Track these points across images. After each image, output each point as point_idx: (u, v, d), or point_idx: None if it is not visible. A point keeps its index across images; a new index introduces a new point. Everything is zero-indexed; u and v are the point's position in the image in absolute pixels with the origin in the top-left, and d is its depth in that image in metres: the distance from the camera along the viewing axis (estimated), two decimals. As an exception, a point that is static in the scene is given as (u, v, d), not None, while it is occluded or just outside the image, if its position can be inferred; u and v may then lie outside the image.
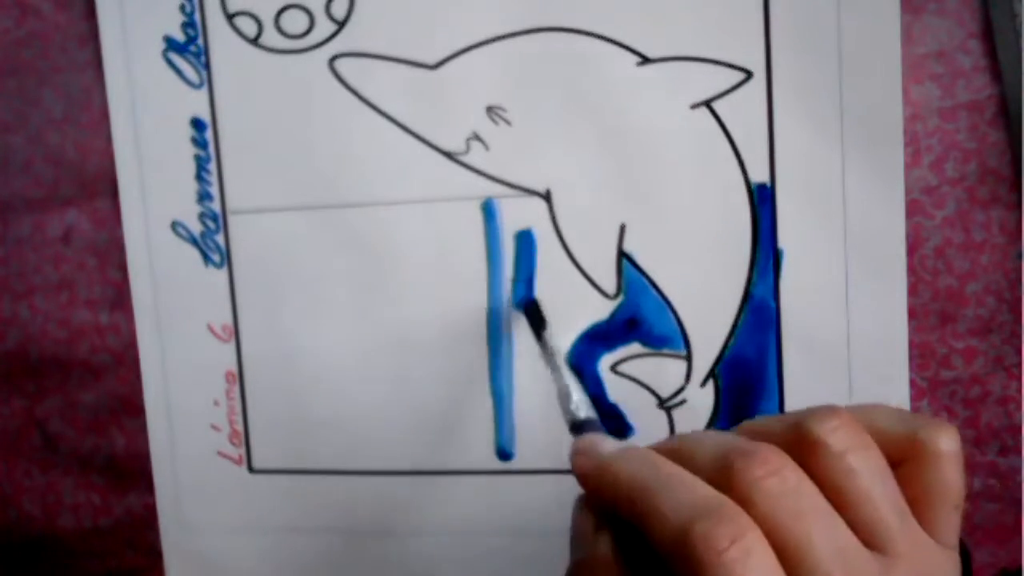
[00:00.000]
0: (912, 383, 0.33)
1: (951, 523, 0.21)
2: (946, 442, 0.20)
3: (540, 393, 0.35)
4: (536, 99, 0.33)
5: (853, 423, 0.20)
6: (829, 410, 0.20)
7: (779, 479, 0.19)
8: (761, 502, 0.19)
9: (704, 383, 0.34)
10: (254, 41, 0.35)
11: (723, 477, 0.19)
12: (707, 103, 0.32)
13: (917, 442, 0.20)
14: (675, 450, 0.21)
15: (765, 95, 0.32)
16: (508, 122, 0.33)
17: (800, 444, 0.20)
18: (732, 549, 0.18)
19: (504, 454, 0.35)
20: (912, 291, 0.32)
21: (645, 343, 0.34)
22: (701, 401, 0.34)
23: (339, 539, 0.37)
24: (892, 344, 0.32)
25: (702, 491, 0.19)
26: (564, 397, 0.28)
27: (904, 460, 0.21)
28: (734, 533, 0.18)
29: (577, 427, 0.27)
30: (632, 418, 0.34)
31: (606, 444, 0.23)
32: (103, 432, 0.39)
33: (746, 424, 0.22)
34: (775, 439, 0.20)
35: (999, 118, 0.32)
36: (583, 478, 0.23)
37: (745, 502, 0.19)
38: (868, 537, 0.19)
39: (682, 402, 0.34)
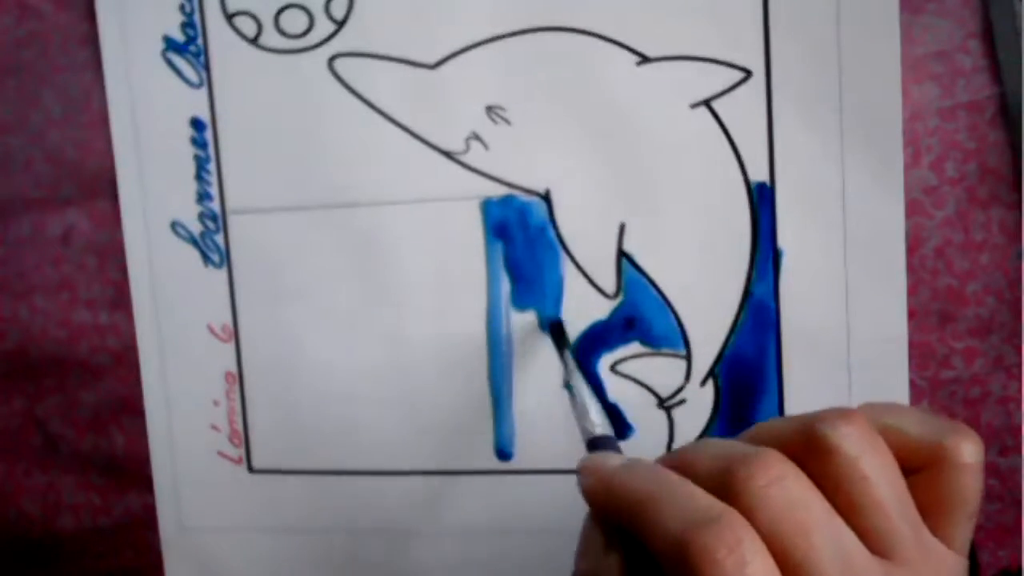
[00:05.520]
0: (912, 383, 0.33)
1: (964, 531, 0.20)
2: (970, 453, 0.20)
3: (539, 393, 0.35)
4: (536, 99, 0.33)
5: (866, 428, 0.20)
6: (842, 413, 0.20)
7: (780, 487, 0.19)
8: (763, 510, 0.19)
9: (704, 383, 0.34)
10: (253, 41, 0.35)
11: (725, 485, 0.19)
12: (707, 102, 0.32)
13: (941, 449, 0.20)
14: (679, 460, 0.21)
15: (765, 94, 0.32)
16: (507, 122, 0.33)
17: (811, 448, 0.20)
18: (729, 558, 0.18)
19: (503, 454, 0.35)
20: (912, 291, 0.32)
21: (645, 343, 0.34)
22: (701, 401, 0.34)
23: (339, 539, 0.37)
24: (892, 344, 0.32)
25: (701, 500, 0.19)
26: (582, 414, 0.28)
27: (924, 466, 0.20)
28: (731, 541, 0.18)
29: (593, 444, 0.27)
30: (632, 418, 0.34)
31: (611, 459, 0.23)
32: (103, 432, 0.39)
33: (759, 426, 0.22)
34: (786, 442, 0.20)
35: (999, 118, 0.32)
36: (589, 495, 0.22)
37: (747, 510, 0.19)
38: (876, 543, 0.19)
39: (682, 401, 0.34)
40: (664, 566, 0.19)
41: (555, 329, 0.34)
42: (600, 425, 0.27)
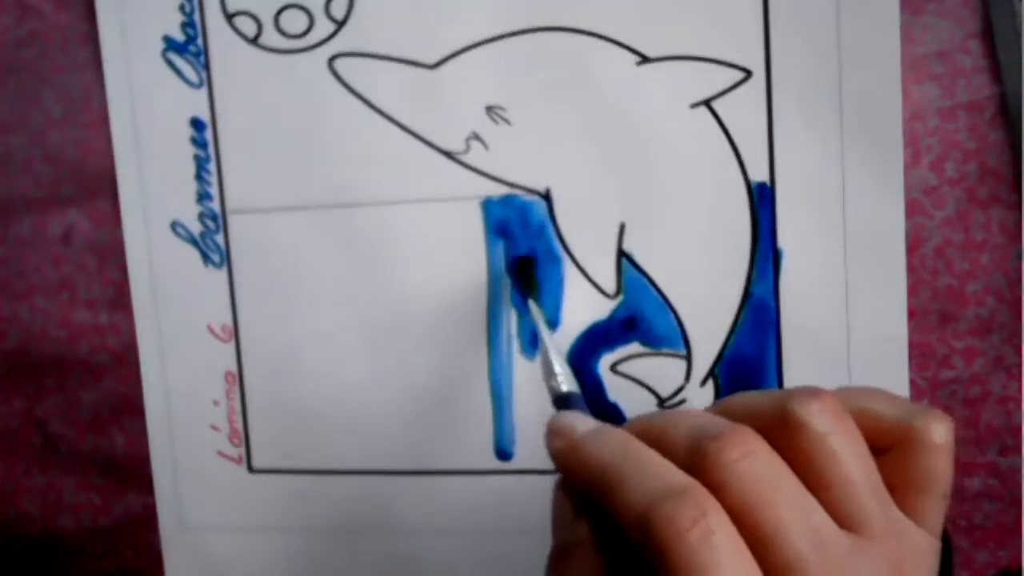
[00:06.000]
0: (912, 383, 0.33)
1: (936, 511, 0.21)
2: (940, 433, 0.20)
3: (539, 393, 0.34)
4: (536, 99, 0.33)
5: (836, 405, 0.20)
6: (813, 391, 0.20)
7: (750, 462, 0.19)
8: (733, 485, 0.19)
9: (704, 382, 0.34)
10: (253, 41, 0.35)
11: (696, 461, 0.19)
12: (707, 102, 0.32)
13: (911, 430, 0.20)
14: (651, 429, 0.21)
15: (764, 94, 0.32)
16: (508, 122, 0.33)
17: (782, 424, 0.20)
18: (694, 530, 0.18)
19: (503, 454, 0.35)
20: (912, 291, 0.32)
21: (645, 342, 0.34)
22: (701, 401, 0.34)
23: (339, 539, 0.37)
24: (892, 344, 0.32)
25: (668, 474, 0.19)
26: (547, 368, 0.28)
27: (895, 446, 0.21)
28: (695, 514, 0.18)
29: (559, 401, 0.26)
30: (632, 418, 0.34)
31: (581, 423, 0.23)
32: (103, 432, 0.39)
33: (730, 399, 0.22)
34: (757, 417, 0.20)
35: (999, 118, 0.32)
36: (556, 459, 0.22)
37: (717, 485, 0.19)
38: (845, 518, 0.19)
39: (682, 402, 0.34)
40: (631, 539, 0.19)
41: (523, 266, 0.32)
42: (566, 382, 0.27)
